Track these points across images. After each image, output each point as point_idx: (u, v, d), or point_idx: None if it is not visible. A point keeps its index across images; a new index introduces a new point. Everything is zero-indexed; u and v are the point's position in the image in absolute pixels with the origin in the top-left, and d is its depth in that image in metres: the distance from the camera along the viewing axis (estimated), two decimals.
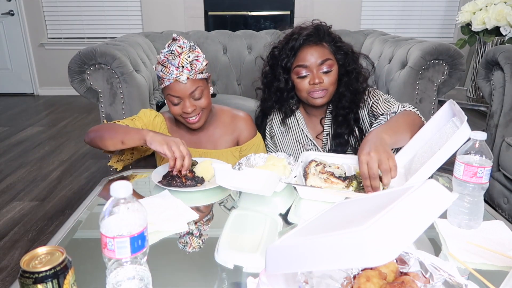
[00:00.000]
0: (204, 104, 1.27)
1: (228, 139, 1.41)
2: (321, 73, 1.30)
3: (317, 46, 1.31)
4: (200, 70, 1.24)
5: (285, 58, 1.34)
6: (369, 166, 0.96)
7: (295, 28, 1.38)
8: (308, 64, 1.30)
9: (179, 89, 1.23)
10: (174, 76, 1.21)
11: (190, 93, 1.23)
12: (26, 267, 0.53)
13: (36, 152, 3.01)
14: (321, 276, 0.56)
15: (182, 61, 1.21)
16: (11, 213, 2.14)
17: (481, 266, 0.73)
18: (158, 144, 1.05)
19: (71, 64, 1.74)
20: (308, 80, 1.31)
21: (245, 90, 2.44)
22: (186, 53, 1.22)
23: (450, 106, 1.05)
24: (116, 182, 0.58)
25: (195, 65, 1.23)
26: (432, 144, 1.02)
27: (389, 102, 1.30)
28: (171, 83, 1.22)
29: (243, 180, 0.98)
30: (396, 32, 4.26)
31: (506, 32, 2.32)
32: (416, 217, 0.49)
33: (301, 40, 1.31)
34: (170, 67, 1.21)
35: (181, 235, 0.86)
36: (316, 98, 1.32)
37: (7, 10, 4.45)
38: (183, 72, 1.21)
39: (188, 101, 1.24)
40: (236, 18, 4.37)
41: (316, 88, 1.30)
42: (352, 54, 1.37)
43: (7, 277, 1.64)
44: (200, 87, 1.25)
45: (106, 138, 1.15)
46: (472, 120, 0.96)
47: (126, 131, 1.13)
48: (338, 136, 1.37)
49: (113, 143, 1.14)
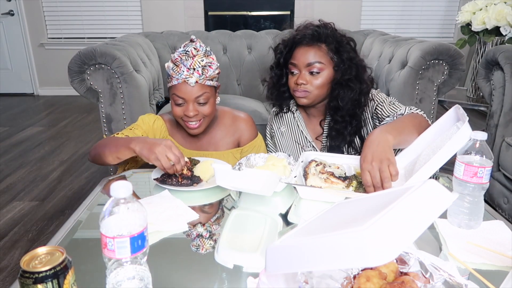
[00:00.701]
0: (207, 111, 1.27)
1: (229, 140, 1.41)
2: (307, 74, 1.29)
3: (311, 47, 1.30)
4: (210, 76, 1.24)
5: (283, 53, 1.35)
6: (371, 175, 0.97)
7: (302, 24, 1.37)
8: (297, 63, 1.30)
9: (186, 91, 1.22)
10: (183, 76, 1.21)
11: (195, 97, 1.23)
12: (26, 267, 0.53)
13: (36, 152, 3.01)
14: (321, 276, 0.56)
15: (194, 63, 1.21)
16: (11, 213, 2.14)
17: (481, 266, 0.73)
18: (146, 156, 1.04)
19: (71, 64, 1.74)
20: (295, 78, 1.32)
21: (245, 90, 2.44)
22: (200, 56, 1.22)
23: (456, 111, 1.05)
24: (116, 182, 0.58)
25: (206, 70, 1.23)
26: (434, 147, 1.02)
27: (394, 105, 1.28)
28: (179, 83, 1.22)
29: (243, 180, 0.98)
30: (396, 32, 4.26)
31: (506, 32, 2.32)
32: (416, 217, 0.49)
33: (296, 39, 1.31)
34: (181, 67, 1.21)
35: (188, 236, 0.86)
36: (298, 97, 1.33)
37: (7, 10, 4.45)
38: (193, 74, 1.21)
39: (192, 104, 1.24)
40: (236, 18, 4.36)
41: (298, 88, 1.30)
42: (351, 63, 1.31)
43: (7, 277, 1.64)
44: (207, 93, 1.25)
45: (106, 154, 1.15)
46: (472, 120, 0.96)
47: (117, 146, 1.11)
48: (335, 148, 1.35)
49: (113, 159, 1.14)
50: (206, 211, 0.99)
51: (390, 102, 1.30)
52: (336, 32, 1.34)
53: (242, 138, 1.43)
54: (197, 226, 0.89)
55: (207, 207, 1.01)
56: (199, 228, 0.88)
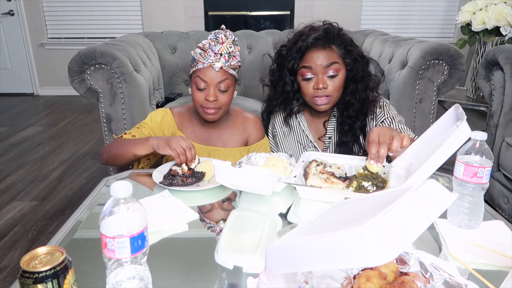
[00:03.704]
0: (225, 100, 1.30)
1: (238, 139, 1.43)
2: (326, 78, 1.28)
3: (324, 49, 1.28)
4: (234, 66, 1.29)
5: (291, 59, 1.31)
6: (380, 135, 1.01)
7: (305, 27, 1.35)
8: (313, 66, 1.27)
9: (211, 75, 1.26)
10: (210, 61, 1.26)
11: (218, 82, 1.27)
12: (26, 267, 0.53)
13: (36, 152, 3.01)
14: (321, 276, 0.56)
15: (222, 49, 1.26)
16: (11, 213, 2.14)
17: (481, 266, 0.73)
18: (162, 148, 1.13)
19: (71, 64, 1.74)
20: (312, 83, 1.29)
21: (245, 90, 2.44)
22: (229, 43, 1.27)
23: (455, 110, 1.05)
24: (116, 182, 0.58)
25: (232, 58, 1.28)
26: (434, 147, 1.02)
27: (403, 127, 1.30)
28: (205, 67, 1.27)
29: (242, 178, 0.98)
30: (396, 32, 4.26)
31: (506, 32, 2.32)
32: (416, 217, 0.49)
33: (309, 42, 1.27)
34: (209, 52, 1.26)
35: (187, 236, 0.86)
36: (319, 105, 1.31)
37: (7, 10, 4.45)
38: (220, 59, 1.26)
39: (214, 89, 1.27)
40: (236, 18, 4.36)
41: (320, 93, 1.28)
42: (362, 60, 1.33)
43: (7, 277, 1.64)
44: (229, 80, 1.29)
45: (119, 155, 1.22)
46: (472, 120, 0.96)
47: (134, 145, 1.19)
48: (343, 144, 1.36)
49: (128, 158, 1.21)
50: (206, 211, 0.99)
51: (399, 121, 1.32)
52: (341, 31, 1.34)
53: (250, 138, 1.45)
54: (197, 226, 0.89)
55: (207, 207, 1.01)
56: (199, 228, 0.88)
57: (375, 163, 1.03)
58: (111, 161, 1.27)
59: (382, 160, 1.02)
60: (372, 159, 1.03)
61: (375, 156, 1.02)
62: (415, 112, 1.87)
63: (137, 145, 1.19)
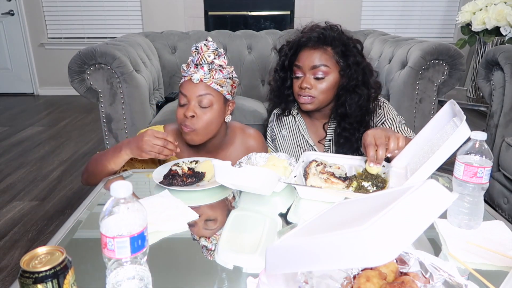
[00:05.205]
0: (205, 118, 1.18)
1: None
2: (312, 78, 1.27)
3: (316, 50, 1.28)
4: (219, 81, 1.19)
5: (288, 55, 1.33)
6: (376, 137, 1.01)
7: (307, 26, 1.35)
8: (302, 65, 1.28)
9: (189, 87, 1.18)
10: (189, 73, 1.19)
11: (198, 95, 1.17)
12: (26, 267, 0.53)
13: (36, 152, 3.01)
14: (321, 276, 0.56)
15: (201, 58, 1.18)
16: (11, 213, 2.14)
17: (481, 266, 0.73)
18: (138, 156, 1.09)
19: (71, 64, 1.74)
20: (299, 82, 1.30)
21: (245, 90, 2.44)
22: (207, 52, 1.18)
23: (451, 106, 1.05)
24: (116, 182, 0.58)
25: (215, 71, 1.19)
26: (432, 144, 1.02)
27: (404, 128, 1.29)
28: (185, 81, 1.20)
29: (242, 178, 0.97)
30: (396, 32, 4.26)
31: (506, 32, 2.32)
32: (416, 217, 0.49)
33: (302, 41, 1.29)
34: (190, 64, 1.20)
35: (187, 236, 0.86)
36: (302, 103, 1.31)
37: (7, 10, 4.45)
38: (198, 71, 1.18)
39: (193, 103, 1.18)
40: (236, 18, 4.36)
41: (303, 92, 1.28)
42: (357, 67, 1.28)
43: (7, 277, 1.63)
44: (211, 96, 1.18)
45: (96, 173, 1.15)
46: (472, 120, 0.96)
47: (107, 159, 1.12)
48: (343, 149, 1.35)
49: (107, 173, 1.14)
50: (206, 211, 0.99)
51: (399, 122, 1.31)
52: (343, 35, 1.31)
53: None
54: (197, 226, 0.89)
55: (207, 207, 1.01)
56: (199, 228, 0.88)
57: (375, 165, 1.03)
58: (91, 180, 1.17)
59: (381, 161, 1.02)
60: (371, 161, 1.02)
61: (374, 159, 1.02)
62: (415, 112, 1.87)
63: (110, 160, 1.11)
